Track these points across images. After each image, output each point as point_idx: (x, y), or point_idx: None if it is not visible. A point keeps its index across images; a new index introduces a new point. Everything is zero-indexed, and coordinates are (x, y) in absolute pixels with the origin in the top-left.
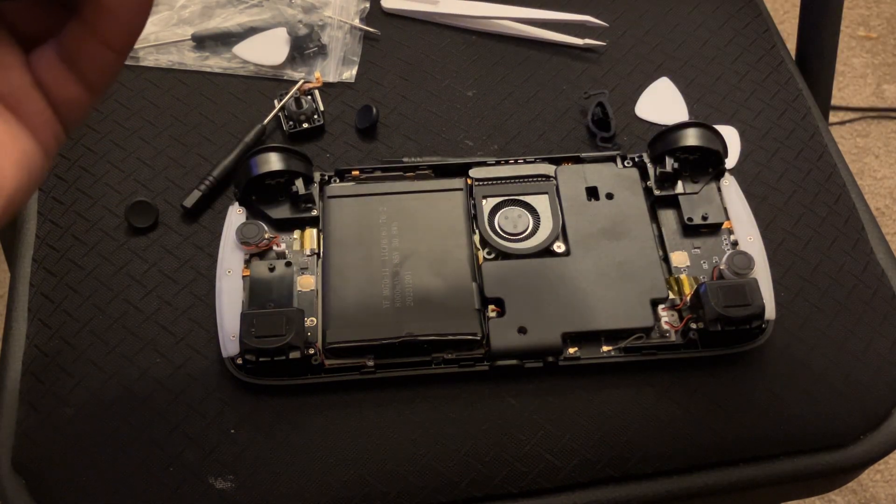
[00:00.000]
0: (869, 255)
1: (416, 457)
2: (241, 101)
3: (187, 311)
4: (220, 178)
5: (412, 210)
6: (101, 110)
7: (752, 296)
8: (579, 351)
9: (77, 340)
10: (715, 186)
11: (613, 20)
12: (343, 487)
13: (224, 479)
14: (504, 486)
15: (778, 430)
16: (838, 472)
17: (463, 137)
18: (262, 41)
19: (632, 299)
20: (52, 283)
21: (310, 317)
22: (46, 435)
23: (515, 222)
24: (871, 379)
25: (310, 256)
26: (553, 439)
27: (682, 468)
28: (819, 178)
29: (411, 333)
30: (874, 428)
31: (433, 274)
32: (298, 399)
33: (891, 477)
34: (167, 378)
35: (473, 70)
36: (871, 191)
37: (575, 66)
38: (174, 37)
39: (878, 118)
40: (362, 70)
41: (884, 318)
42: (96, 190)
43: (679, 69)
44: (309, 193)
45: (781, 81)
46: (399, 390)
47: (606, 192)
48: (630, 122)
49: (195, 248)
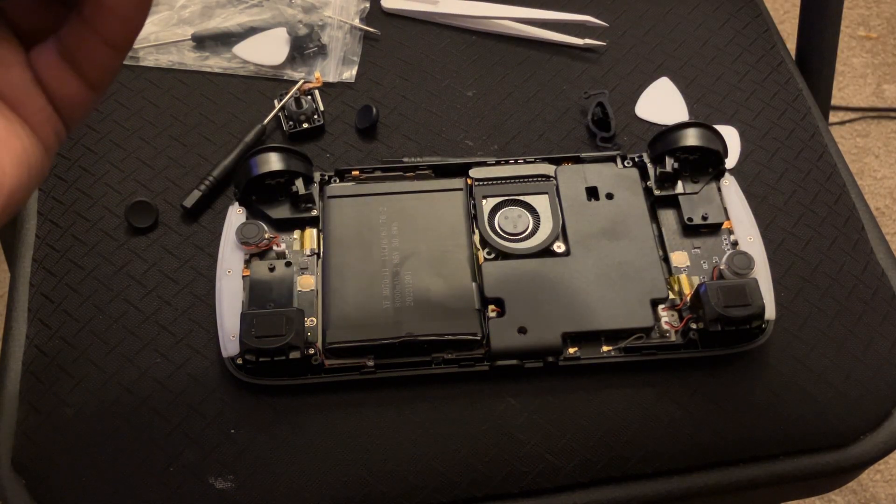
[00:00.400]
0: (869, 255)
1: (416, 457)
2: (241, 101)
3: (187, 311)
4: (220, 178)
5: (412, 210)
6: (101, 110)
7: (752, 296)
8: (579, 351)
9: (77, 340)
10: (715, 186)
11: (613, 20)
12: (343, 487)
13: (224, 479)
14: (504, 486)
15: (778, 430)
16: (838, 472)
17: (463, 137)
18: (262, 41)
19: (632, 299)
20: (52, 283)
21: (310, 317)
22: (46, 435)
23: (515, 222)
24: (871, 379)
25: (310, 256)
26: (553, 439)
27: (682, 468)
28: (819, 178)
29: (411, 333)
30: (874, 428)
31: (433, 274)
32: (298, 399)
33: (891, 477)
34: (167, 378)
35: (473, 70)
36: (871, 191)
37: (575, 66)
38: (174, 37)
39: (878, 118)
40: (362, 70)
41: (884, 318)
42: (96, 190)
43: (679, 69)
44: (309, 193)
45: (781, 81)
46: (399, 390)
47: (606, 192)
48: (630, 122)
49: (195, 248)
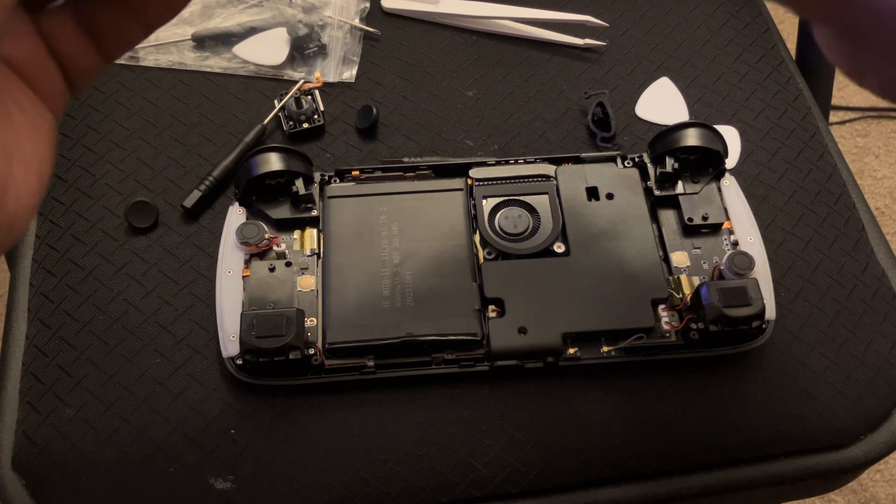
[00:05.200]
0: (869, 255)
1: (416, 457)
2: (241, 101)
3: (187, 311)
4: (220, 178)
5: (412, 210)
6: (101, 110)
7: (753, 296)
8: (579, 351)
9: (77, 340)
10: (715, 186)
11: (613, 20)
12: (343, 487)
13: (224, 480)
14: (504, 487)
15: (778, 430)
16: (838, 472)
17: (463, 137)
18: (262, 41)
19: (632, 299)
20: (52, 283)
21: (310, 317)
22: (46, 435)
23: (515, 222)
24: (871, 379)
25: (310, 256)
26: (553, 439)
27: (682, 468)
28: (819, 178)
29: (411, 333)
30: (874, 428)
31: (433, 274)
32: (298, 399)
33: (891, 477)
34: (167, 378)
35: (473, 70)
36: (871, 191)
37: (575, 66)
38: (174, 37)
39: (878, 118)
40: (362, 70)
41: (884, 318)
42: (96, 190)
43: (679, 69)
44: (309, 193)
45: (782, 81)
46: (399, 390)
47: (607, 193)
48: (630, 122)
49: (195, 248)
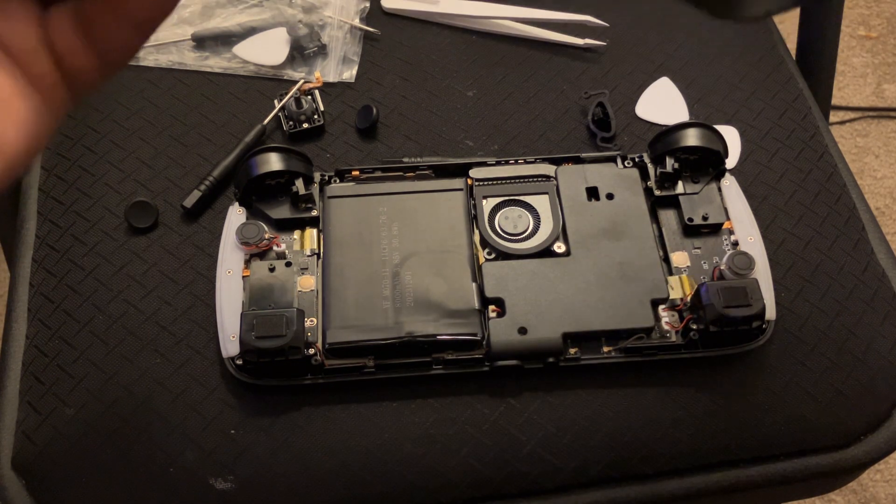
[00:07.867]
0: (869, 255)
1: (416, 457)
2: (241, 101)
3: (187, 311)
4: (220, 178)
5: (412, 210)
6: (101, 110)
7: (753, 296)
8: (579, 351)
9: (77, 340)
10: (715, 186)
11: (613, 20)
12: (343, 487)
13: (224, 480)
14: (504, 487)
15: (778, 430)
16: (838, 472)
17: (463, 137)
18: (262, 41)
19: (632, 300)
20: (52, 283)
21: (310, 317)
22: (46, 435)
23: (516, 222)
24: (871, 379)
25: (310, 257)
26: (553, 440)
27: (682, 468)
28: (819, 178)
29: (411, 334)
30: (874, 428)
31: (433, 274)
32: (298, 399)
33: (891, 477)
34: (167, 378)
35: (473, 70)
36: (871, 191)
37: (575, 66)
38: (174, 37)
39: (878, 118)
40: (362, 70)
41: (884, 318)
42: (96, 190)
43: (679, 69)
44: (309, 193)
45: (781, 81)
46: (399, 390)
47: (607, 193)
48: (630, 122)
49: (195, 248)
